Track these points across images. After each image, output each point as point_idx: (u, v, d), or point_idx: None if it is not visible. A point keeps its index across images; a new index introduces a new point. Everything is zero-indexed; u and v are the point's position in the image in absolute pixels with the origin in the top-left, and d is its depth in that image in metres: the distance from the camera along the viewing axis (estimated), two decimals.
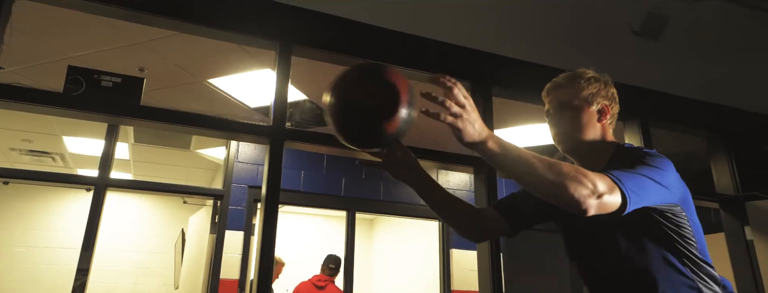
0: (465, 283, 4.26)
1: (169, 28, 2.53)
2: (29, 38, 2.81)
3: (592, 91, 1.32)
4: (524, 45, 3.11)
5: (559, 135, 1.32)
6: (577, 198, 0.97)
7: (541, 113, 3.90)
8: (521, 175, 1.02)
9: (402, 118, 1.03)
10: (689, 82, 3.51)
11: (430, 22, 2.88)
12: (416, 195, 4.11)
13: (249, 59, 2.94)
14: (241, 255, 3.62)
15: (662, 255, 1.13)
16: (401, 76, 1.08)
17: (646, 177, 1.07)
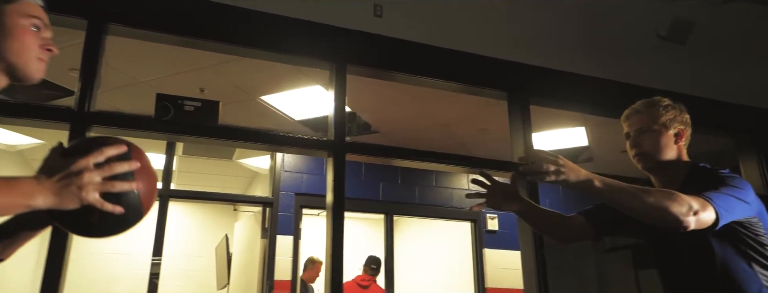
0: (499, 281, 4.48)
1: (235, 54, 2.77)
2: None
3: (670, 117, 1.52)
4: (557, 54, 3.30)
5: (639, 155, 1.53)
6: (678, 218, 1.20)
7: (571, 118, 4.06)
8: (625, 203, 1.25)
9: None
10: (717, 85, 3.67)
11: (469, 37, 3.08)
12: (448, 199, 4.38)
13: (301, 77, 3.17)
14: (292, 257, 3.86)
15: (741, 259, 1.36)
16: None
17: (732, 197, 1.30)
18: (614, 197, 1.26)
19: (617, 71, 3.42)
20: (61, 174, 0.82)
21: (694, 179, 1.43)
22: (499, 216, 4.71)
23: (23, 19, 0.97)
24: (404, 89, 3.32)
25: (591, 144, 4.42)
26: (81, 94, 2.25)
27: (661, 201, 1.21)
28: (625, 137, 1.59)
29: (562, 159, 1.24)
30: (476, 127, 3.97)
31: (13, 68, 0.96)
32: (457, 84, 3.06)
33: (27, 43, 0.97)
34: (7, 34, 0.95)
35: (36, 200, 0.80)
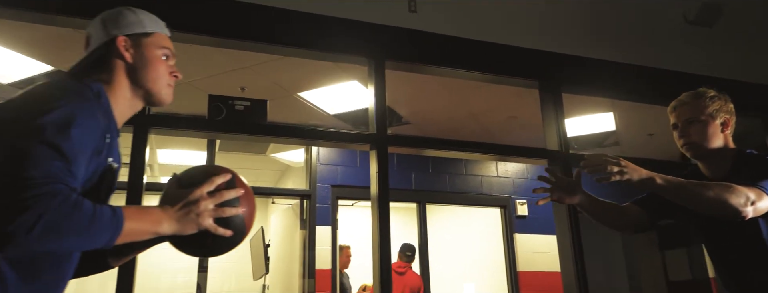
0: (530, 264, 4.59)
1: (278, 54, 2.88)
2: None
3: (716, 107, 1.61)
4: (585, 42, 3.36)
5: (687, 144, 1.62)
6: (737, 209, 1.32)
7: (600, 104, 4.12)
8: (686, 198, 1.38)
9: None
10: (741, 65, 3.71)
11: (499, 28, 3.15)
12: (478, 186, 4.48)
13: (339, 73, 3.27)
14: (331, 247, 4.00)
15: None
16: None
17: None
18: (676, 193, 1.38)
19: (645, 56, 3.47)
20: (182, 204, 0.94)
21: (743, 166, 1.52)
22: (528, 202, 4.81)
23: (158, 50, 1.09)
24: (436, 81, 3.41)
25: (618, 128, 4.47)
26: None
27: (720, 195, 1.32)
28: (673, 127, 1.67)
29: (624, 160, 1.36)
30: (505, 115, 4.05)
31: (150, 94, 1.08)
32: (489, 75, 3.14)
33: (161, 71, 1.09)
34: (145, 65, 1.06)
35: (162, 227, 0.92)
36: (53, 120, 0.83)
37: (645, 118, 4.28)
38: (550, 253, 4.72)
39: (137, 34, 1.08)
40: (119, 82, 1.05)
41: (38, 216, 0.74)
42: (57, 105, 0.85)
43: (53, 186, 0.78)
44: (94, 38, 1.07)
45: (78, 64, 1.06)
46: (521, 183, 4.92)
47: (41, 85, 0.93)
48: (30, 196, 0.75)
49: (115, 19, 1.08)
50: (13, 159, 0.78)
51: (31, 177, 0.77)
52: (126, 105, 1.06)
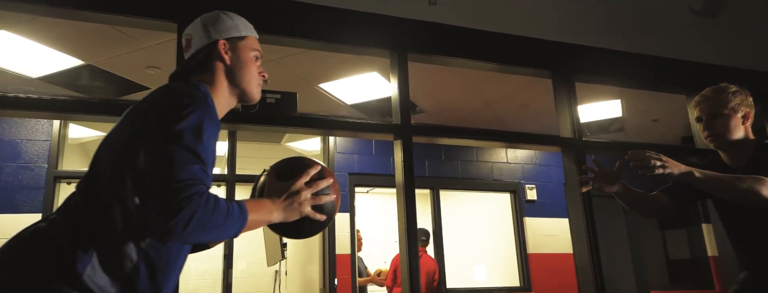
0: (540, 247, 4.77)
1: (303, 47, 2.97)
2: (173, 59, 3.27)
3: (737, 101, 1.74)
4: (596, 32, 3.47)
5: (712, 136, 1.75)
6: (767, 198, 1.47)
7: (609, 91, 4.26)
8: (721, 189, 1.54)
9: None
10: (743, 53, 3.84)
11: (514, 20, 3.25)
12: (489, 172, 4.65)
13: (360, 64, 3.38)
14: (350, 233, 4.14)
15: None
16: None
17: None
18: (713, 185, 1.54)
19: (653, 46, 3.59)
20: (286, 195, 1.08)
21: (762, 156, 1.66)
22: (537, 187, 4.97)
23: (251, 52, 1.20)
24: (450, 71, 3.51)
25: (624, 115, 4.61)
26: None
27: (752, 186, 1.48)
28: (697, 120, 1.81)
29: (665, 156, 1.51)
30: (518, 103, 4.17)
31: (244, 93, 1.19)
32: (505, 65, 3.25)
33: (253, 72, 1.19)
34: (241, 66, 1.17)
35: (273, 216, 1.05)
36: (189, 126, 0.94)
37: (650, 105, 4.42)
38: (559, 236, 4.89)
39: (234, 37, 1.18)
40: (220, 82, 1.15)
41: (191, 215, 0.87)
42: (189, 112, 0.96)
43: (198, 187, 0.90)
44: (196, 41, 1.17)
45: (184, 65, 1.17)
46: (530, 168, 5.07)
47: (168, 92, 1.03)
48: (183, 198, 0.88)
49: (214, 23, 1.18)
50: (163, 164, 0.90)
51: (181, 180, 0.89)
52: (224, 104, 1.16)
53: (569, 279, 4.77)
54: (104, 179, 0.98)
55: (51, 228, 0.97)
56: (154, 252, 0.98)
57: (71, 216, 0.97)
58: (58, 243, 0.93)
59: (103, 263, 0.93)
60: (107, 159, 1.01)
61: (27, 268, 0.92)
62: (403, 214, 2.77)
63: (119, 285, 0.94)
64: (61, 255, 0.92)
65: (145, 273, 0.97)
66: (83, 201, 0.99)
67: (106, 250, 0.94)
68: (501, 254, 4.97)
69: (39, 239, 0.96)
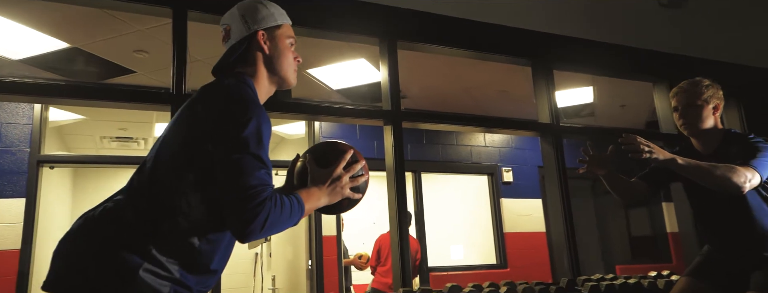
0: (515, 226, 5.02)
1: (297, 34, 3.02)
2: (161, 43, 3.27)
3: (710, 94, 1.93)
4: (573, 23, 3.63)
5: (686, 124, 1.94)
6: (739, 185, 1.67)
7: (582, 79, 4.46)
8: (699, 176, 1.72)
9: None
10: (705, 44, 4.10)
11: (498, 10, 3.37)
12: (468, 155, 4.87)
13: (349, 51, 3.45)
14: (336, 216, 4.26)
15: (762, 202, 1.84)
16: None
17: (766, 161, 1.75)
18: (692, 172, 1.72)
19: (626, 36, 3.80)
20: (329, 181, 1.18)
21: (729, 143, 1.86)
22: (513, 169, 5.19)
23: (287, 39, 1.26)
24: (433, 58, 3.62)
25: (595, 100, 4.85)
26: (177, 78, 2.51)
27: (725, 174, 1.67)
28: (674, 110, 2.00)
29: (653, 144, 1.70)
30: (497, 89, 4.33)
31: (283, 80, 1.26)
32: (489, 54, 3.39)
33: (290, 59, 1.26)
34: (280, 55, 1.23)
35: (321, 202, 1.17)
36: (250, 134, 1.02)
37: (619, 91, 4.66)
38: (532, 215, 5.15)
39: (271, 27, 1.23)
40: (261, 72, 1.22)
41: (266, 218, 0.99)
42: (248, 118, 1.03)
43: (267, 191, 1.01)
44: (235, 32, 1.21)
45: (226, 57, 1.22)
46: (507, 152, 5.28)
47: (222, 94, 1.10)
48: (257, 204, 0.98)
49: (252, 14, 1.22)
50: (234, 173, 0.99)
51: (253, 187, 0.99)
52: (264, 92, 1.24)
53: (542, 256, 5.05)
54: (167, 173, 1.07)
55: (121, 212, 1.06)
56: (214, 236, 1.09)
57: (138, 202, 1.07)
58: (131, 226, 1.03)
59: (169, 246, 1.03)
60: (168, 156, 1.09)
61: (106, 244, 1.02)
62: (393, 197, 2.90)
63: (183, 262, 1.05)
64: (133, 235, 1.02)
65: (205, 254, 1.08)
66: (148, 189, 1.07)
67: (171, 236, 1.04)
68: (478, 234, 5.20)
69: (112, 220, 1.05)
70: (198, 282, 1.08)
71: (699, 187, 1.93)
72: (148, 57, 3.36)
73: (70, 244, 1.06)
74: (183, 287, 1.05)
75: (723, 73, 4.14)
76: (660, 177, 2.02)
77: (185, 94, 2.52)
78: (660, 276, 3.04)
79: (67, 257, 1.04)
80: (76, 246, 1.05)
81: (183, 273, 1.04)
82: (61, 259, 1.05)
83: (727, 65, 4.16)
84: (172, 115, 2.48)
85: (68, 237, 1.07)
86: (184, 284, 1.05)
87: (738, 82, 4.19)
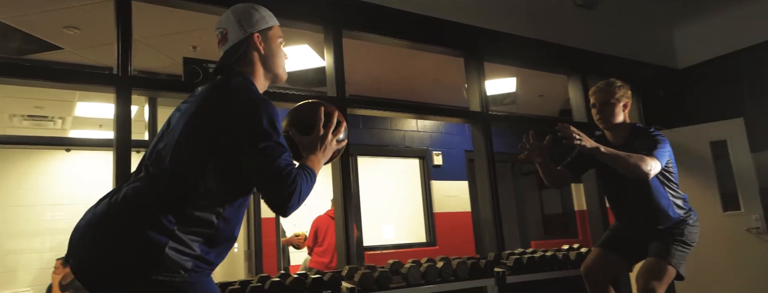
0: (444, 206, 5.35)
1: None
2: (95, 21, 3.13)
3: (621, 93, 2.25)
4: (504, 18, 3.93)
5: (601, 119, 2.26)
6: (646, 172, 1.99)
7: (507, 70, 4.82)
8: (616, 163, 2.00)
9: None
10: (611, 43, 4.57)
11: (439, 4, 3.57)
12: (401, 140, 5.17)
13: (293, 37, 3.49)
14: None
15: (660, 185, 2.18)
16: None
17: (665, 151, 2.09)
18: (611, 159, 2.01)
19: (548, 33, 4.16)
20: (320, 146, 1.32)
21: (637, 137, 2.20)
22: (442, 153, 5.50)
23: (278, 39, 1.37)
24: (372, 47, 3.76)
25: (516, 90, 5.24)
26: (122, 59, 2.46)
27: (637, 163, 1.99)
28: (592, 106, 2.32)
29: (582, 133, 1.98)
30: (431, 78, 4.56)
31: (276, 76, 1.37)
32: (427, 45, 3.59)
33: (281, 56, 1.38)
34: (273, 54, 1.35)
35: (322, 164, 1.32)
36: (268, 124, 1.16)
37: (538, 82, 5.08)
38: (459, 196, 5.51)
39: (264, 29, 1.35)
40: (258, 71, 1.34)
41: (299, 194, 1.16)
42: (261, 111, 1.18)
43: (294, 170, 1.16)
44: (232, 35, 1.33)
45: (227, 58, 1.33)
46: (437, 136, 5.58)
47: (233, 93, 1.22)
48: (291, 182, 1.14)
49: (247, 18, 1.34)
50: (264, 161, 1.13)
51: (283, 168, 1.14)
52: (261, 88, 1.36)
53: (467, 234, 5.44)
54: (187, 162, 1.17)
55: (144, 197, 1.14)
56: (228, 213, 1.20)
57: (159, 188, 1.16)
58: (155, 209, 1.12)
59: (190, 227, 1.13)
60: (187, 148, 1.19)
61: (134, 226, 1.10)
62: (339, 179, 3.04)
63: (203, 239, 1.16)
64: (158, 218, 1.11)
65: (222, 230, 1.19)
66: (170, 176, 1.17)
67: (192, 217, 1.14)
68: (409, 214, 5.48)
69: (137, 205, 1.14)
70: (217, 255, 1.20)
71: (611, 174, 2.27)
72: (78, 34, 3.20)
73: (96, 228, 1.13)
74: (203, 261, 1.16)
75: (626, 69, 4.64)
76: (581, 165, 2.36)
77: (131, 75, 2.48)
78: (571, 249, 3.44)
79: (95, 241, 1.12)
80: (104, 229, 1.12)
81: (204, 249, 1.16)
82: (89, 243, 1.12)
83: (630, 62, 4.67)
84: (118, 97, 2.46)
85: (93, 222, 1.14)
86: (204, 259, 1.16)
87: (638, 78, 4.72)
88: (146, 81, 2.59)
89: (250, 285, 2.29)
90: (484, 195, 3.60)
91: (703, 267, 3.68)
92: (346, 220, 3.01)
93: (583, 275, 2.42)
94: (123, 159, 2.37)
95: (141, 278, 1.07)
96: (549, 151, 2.27)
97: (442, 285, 2.67)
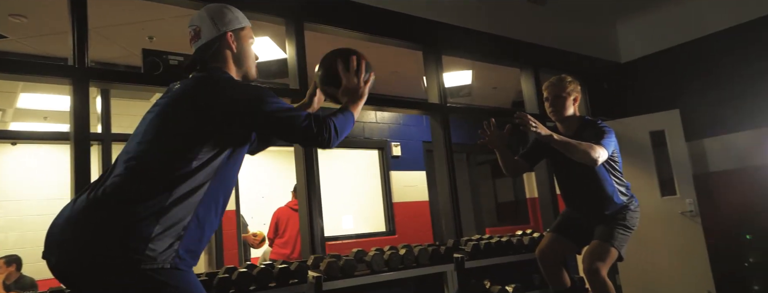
0: (403, 196, 5.47)
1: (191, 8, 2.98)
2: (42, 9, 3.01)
3: (572, 88, 2.40)
4: (461, 13, 4.05)
5: (553, 112, 2.41)
6: (594, 159, 2.13)
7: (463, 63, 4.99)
8: (568, 150, 2.14)
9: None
10: (560, 37, 4.79)
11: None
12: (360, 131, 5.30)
13: (254, 29, 3.46)
14: (235, 191, 4.29)
15: (606, 173, 2.35)
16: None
17: (611, 141, 2.26)
18: (564, 146, 2.16)
19: (504, 27, 4.32)
20: (356, 92, 1.53)
21: (584, 127, 2.36)
22: (401, 144, 5.60)
23: (250, 39, 1.41)
24: (329, 39, 3.78)
25: (472, 82, 5.41)
26: (78, 51, 2.39)
27: (587, 150, 2.14)
28: (545, 100, 2.46)
29: (538, 122, 2.13)
30: (389, 70, 4.64)
31: (247, 74, 1.42)
32: (387, 38, 3.66)
33: (252, 56, 1.41)
34: (245, 53, 1.39)
35: (361, 104, 1.56)
36: (259, 92, 1.31)
37: (492, 75, 5.26)
38: (417, 186, 5.65)
39: (237, 28, 1.39)
40: (230, 68, 1.40)
41: (337, 134, 1.37)
42: (246, 87, 1.34)
43: (318, 120, 1.34)
44: (205, 32, 1.37)
45: (201, 54, 1.36)
46: (395, 128, 5.68)
47: (219, 82, 1.31)
48: (323, 131, 1.33)
49: (221, 17, 1.39)
50: (282, 119, 1.29)
51: (297, 117, 1.31)
52: None
53: (425, 223, 5.60)
54: (168, 153, 1.21)
55: (121, 190, 1.16)
56: (209, 203, 1.24)
57: (139, 180, 1.18)
58: (139, 204, 1.14)
59: (173, 219, 1.17)
60: (172, 143, 1.22)
61: (119, 221, 1.12)
62: (303, 170, 3.09)
63: (185, 229, 1.19)
64: (142, 211, 1.13)
65: (203, 220, 1.23)
66: (148, 167, 1.19)
67: (175, 209, 1.17)
68: (369, 204, 5.57)
69: (120, 200, 1.15)
70: (199, 242, 1.24)
71: (562, 163, 2.43)
72: (25, 22, 3.06)
73: (78, 224, 1.14)
74: (187, 251, 1.20)
75: (574, 63, 4.88)
76: (535, 155, 2.51)
77: (88, 67, 2.41)
78: (525, 234, 3.63)
79: (78, 236, 1.13)
80: (86, 224, 1.14)
81: (187, 239, 1.19)
82: (72, 239, 1.13)
83: (578, 56, 4.91)
84: (75, 90, 2.39)
85: (73, 218, 1.15)
86: (188, 248, 1.20)
87: (585, 71, 4.98)
88: (104, 73, 2.53)
89: (217, 276, 2.31)
90: (443, 184, 3.73)
91: (642, 248, 3.98)
92: (311, 211, 3.06)
93: (538, 258, 2.59)
94: (82, 153, 2.32)
95: (126, 271, 1.10)
96: (508, 141, 2.41)
97: (405, 272, 2.78)
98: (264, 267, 2.42)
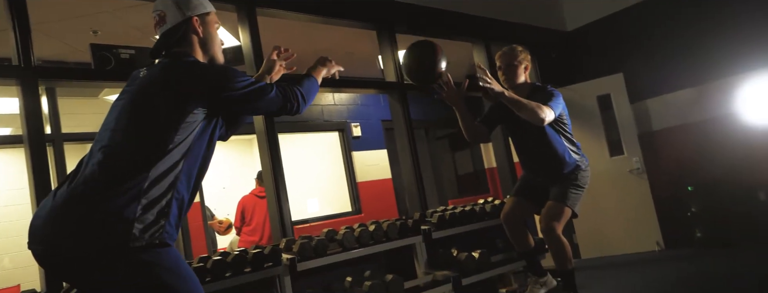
0: (365, 175, 5.56)
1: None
2: None
3: (522, 57, 2.51)
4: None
5: (506, 79, 2.52)
6: (542, 118, 2.26)
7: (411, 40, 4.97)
8: (517, 107, 2.26)
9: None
10: (510, 11, 4.92)
11: None
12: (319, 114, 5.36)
13: None
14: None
15: (556, 134, 2.49)
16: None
17: (558, 103, 2.38)
18: (514, 103, 2.28)
19: (454, 3, 4.39)
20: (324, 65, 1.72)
21: (535, 93, 2.49)
22: (361, 124, 5.66)
23: (215, 24, 1.43)
24: (283, 23, 3.77)
25: None
26: (23, 51, 2.31)
27: (534, 109, 2.26)
28: (498, 69, 2.57)
29: (492, 78, 2.24)
30: (343, 51, 4.65)
31: (213, 59, 1.44)
32: (340, 19, 3.67)
33: (218, 41, 1.43)
34: (210, 38, 1.40)
35: (323, 73, 1.77)
36: (233, 73, 1.37)
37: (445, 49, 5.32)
38: (379, 165, 5.75)
39: (203, 14, 1.42)
40: (197, 52, 1.42)
41: (304, 100, 1.49)
42: (212, 67, 1.43)
43: (282, 90, 1.45)
44: (170, 17, 1.38)
45: (166, 39, 1.38)
46: (354, 109, 5.72)
47: (186, 66, 1.34)
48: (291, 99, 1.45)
49: (185, 2, 1.40)
50: (253, 92, 1.37)
51: (268, 90, 1.40)
52: None
53: (389, 199, 5.72)
54: (143, 135, 1.24)
55: (101, 175, 1.20)
56: (184, 180, 1.28)
57: (116, 164, 1.22)
58: (119, 189, 1.17)
59: (153, 200, 1.20)
60: (146, 128, 1.25)
61: (101, 206, 1.15)
62: (267, 158, 3.11)
63: (165, 207, 1.23)
64: (123, 196, 1.17)
65: (180, 198, 1.27)
66: (124, 151, 1.23)
67: (154, 190, 1.21)
68: (333, 186, 5.63)
69: (96, 183, 1.18)
70: (179, 219, 1.28)
71: (516, 126, 2.56)
72: None
73: (61, 212, 1.17)
74: (172, 226, 1.25)
75: (524, 34, 5.02)
76: (493, 120, 2.63)
77: (35, 67, 2.33)
78: (486, 202, 3.79)
79: (63, 223, 1.15)
80: (70, 211, 1.16)
81: (168, 217, 1.23)
82: (58, 226, 1.15)
83: (526, 27, 5.06)
84: (23, 90, 2.30)
85: (56, 207, 1.17)
86: (173, 223, 1.25)
87: (534, 41, 5.14)
88: (54, 71, 2.45)
89: (191, 266, 2.33)
90: (405, 160, 3.83)
91: (595, 206, 4.24)
92: (278, 195, 3.10)
93: (503, 222, 2.74)
94: (38, 154, 2.26)
95: (115, 254, 1.13)
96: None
97: (376, 247, 2.88)
98: (238, 253, 2.46)
